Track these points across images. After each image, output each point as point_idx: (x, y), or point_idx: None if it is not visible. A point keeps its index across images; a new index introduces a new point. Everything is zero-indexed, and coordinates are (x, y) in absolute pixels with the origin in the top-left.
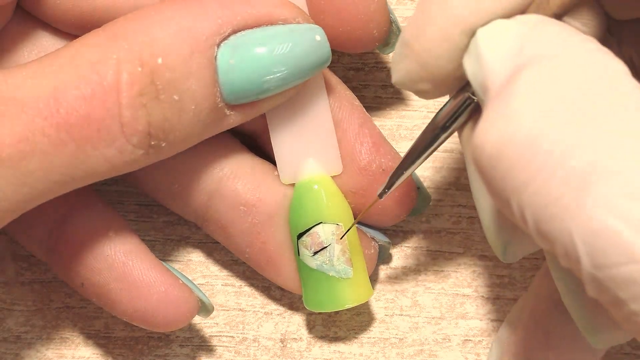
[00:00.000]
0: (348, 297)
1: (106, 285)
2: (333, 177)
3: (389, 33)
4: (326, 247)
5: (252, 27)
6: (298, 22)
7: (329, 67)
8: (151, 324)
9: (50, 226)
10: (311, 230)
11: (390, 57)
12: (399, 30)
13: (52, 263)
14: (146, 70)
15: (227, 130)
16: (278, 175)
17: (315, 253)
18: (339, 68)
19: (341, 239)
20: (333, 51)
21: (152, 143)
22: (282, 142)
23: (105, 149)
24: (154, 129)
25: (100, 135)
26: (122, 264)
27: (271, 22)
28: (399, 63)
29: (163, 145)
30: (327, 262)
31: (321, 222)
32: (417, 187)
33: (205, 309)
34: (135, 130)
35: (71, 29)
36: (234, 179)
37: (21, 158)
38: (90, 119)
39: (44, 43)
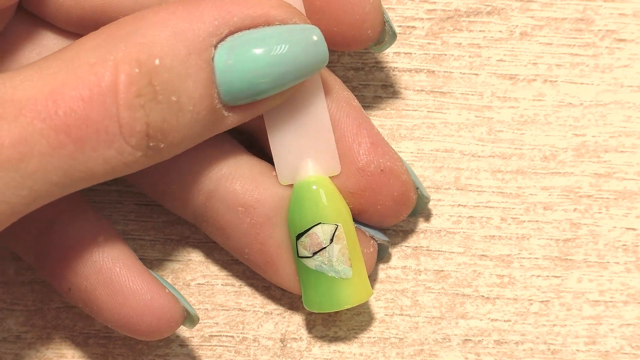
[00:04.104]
0: (347, 298)
1: (93, 291)
2: (331, 177)
3: (383, 32)
4: (325, 247)
5: (249, 28)
6: (295, 23)
7: (329, 67)
8: (135, 331)
9: (39, 230)
10: (310, 231)
11: (389, 57)
12: (392, 29)
13: (39, 267)
14: (144, 71)
15: (226, 130)
16: (276, 176)
17: (315, 253)
18: (339, 68)
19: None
20: (332, 52)
21: (151, 144)
22: (279, 143)
23: (104, 150)
24: (152, 130)
25: (99, 137)
26: (109, 270)
27: (268, 23)
28: None
29: (162, 146)
30: (326, 262)
31: (320, 223)
32: (416, 187)
33: (190, 319)
34: (134, 131)
35: (74, 28)
36: (232, 179)
37: (20, 160)
38: (89, 120)
39: (46, 43)
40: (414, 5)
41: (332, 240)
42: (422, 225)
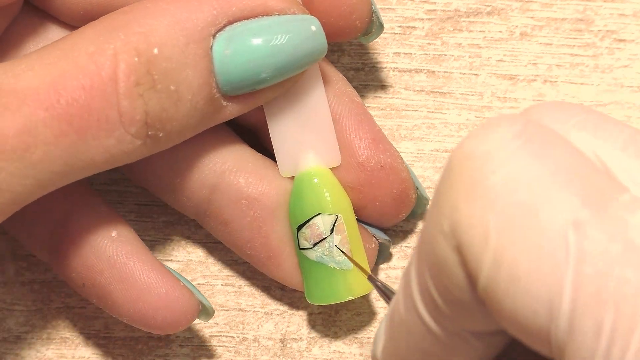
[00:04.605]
0: (349, 289)
1: (107, 286)
2: (332, 171)
3: (370, 23)
4: (325, 237)
5: (247, 18)
6: (293, 13)
7: (331, 64)
8: (151, 325)
9: (52, 226)
10: (310, 222)
11: (389, 57)
12: (379, 20)
13: (53, 263)
14: (142, 60)
15: (228, 125)
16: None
17: (315, 244)
18: (339, 68)
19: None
20: (333, 52)
21: (150, 133)
22: (280, 136)
23: (105, 138)
24: (151, 119)
25: (100, 125)
26: (123, 265)
27: (266, 13)
28: None
29: (160, 135)
30: (327, 253)
31: (320, 213)
32: (415, 187)
33: (205, 312)
34: (133, 120)
35: (79, 22)
36: (236, 172)
37: (25, 150)
38: (90, 108)
39: (52, 36)
40: (414, 6)
41: (332, 230)
42: (422, 225)
